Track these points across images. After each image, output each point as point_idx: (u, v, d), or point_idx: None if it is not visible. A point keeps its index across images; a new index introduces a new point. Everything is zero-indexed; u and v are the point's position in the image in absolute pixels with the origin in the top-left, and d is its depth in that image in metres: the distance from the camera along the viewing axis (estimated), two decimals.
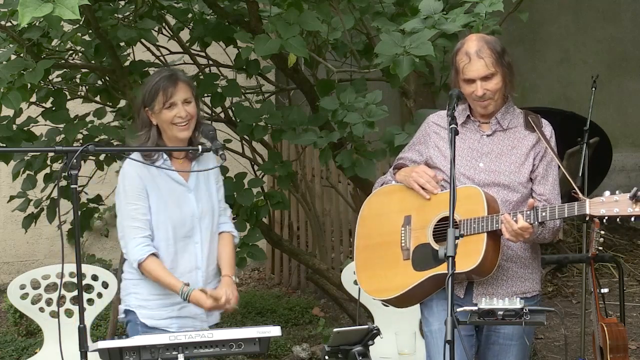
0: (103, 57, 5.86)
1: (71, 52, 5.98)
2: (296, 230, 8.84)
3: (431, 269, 4.14)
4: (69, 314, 5.91)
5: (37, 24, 5.22)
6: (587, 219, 4.06)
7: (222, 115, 6.25)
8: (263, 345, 3.88)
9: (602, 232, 5.22)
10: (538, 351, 6.97)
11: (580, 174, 5.95)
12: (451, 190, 3.82)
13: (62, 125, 5.88)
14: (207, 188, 4.51)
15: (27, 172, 6.07)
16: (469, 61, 4.13)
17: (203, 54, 6.28)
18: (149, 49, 6.18)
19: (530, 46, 10.37)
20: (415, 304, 4.33)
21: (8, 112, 5.58)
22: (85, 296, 5.53)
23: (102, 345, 3.74)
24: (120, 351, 3.73)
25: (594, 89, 6.17)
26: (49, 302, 5.85)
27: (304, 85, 5.95)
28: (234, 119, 5.95)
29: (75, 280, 4.00)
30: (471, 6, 4.88)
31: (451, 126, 3.95)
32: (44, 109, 5.95)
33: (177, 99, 4.37)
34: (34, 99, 5.81)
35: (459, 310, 3.80)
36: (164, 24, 6.11)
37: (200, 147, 4.36)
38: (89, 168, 6.37)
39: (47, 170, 6.11)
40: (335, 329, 3.91)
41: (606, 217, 3.91)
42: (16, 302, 5.90)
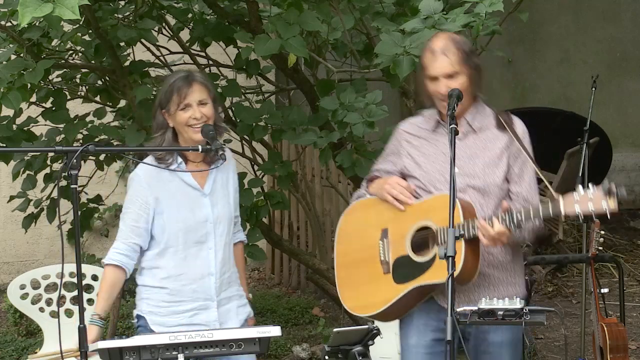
0: (103, 57, 5.85)
1: (71, 52, 5.98)
2: (296, 230, 8.85)
3: (413, 280, 4.05)
4: (69, 314, 5.92)
5: (37, 24, 5.21)
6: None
7: (222, 115, 6.24)
8: (263, 345, 3.87)
9: (602, 232, 5.22)
10: (538, 351, 6.97)
11: (580, 174, 5.95)
12: (451, 190, 3.75)
13: (62, 125, 5.88)
14: (225, 194, 4.40)
15: (27, 172, 6.06)
16: (433, 58, 4.07)
17: (203, 54, 6.28)
18: (149, 49, 6.18)
19: (530, 46, 10.37)
20: (401, 316, 4.20)
21: (8, 112, 5.57)
22: (85, 296, 5.53)
23: (102, 345, 3.74)
24: (120, 351, 3.72)
25: (594, 89, 6.16)
26: (49, 302, 5.86)
27: (304, 85, 5.95)
28: (234, 119, 5.95)
29: (75, 280, 3.98)
30: (471, 6, 4.87)
31: (451, 126, 3.87)
32: (44, 109, 5.94)
33: (191, 100, 4.27)
34: (34, 99, 5.80)
35: (459, 310, 3.76)
36: (164, 24, 6.10)
37: (200, 147, 4.20)
38: (89, 168, 6.37)
39: (47, 170, 6.10)
40: (335, 329, 3.89)
41: (582, 215, 3.79)
42: (16, 302, 5.91)
